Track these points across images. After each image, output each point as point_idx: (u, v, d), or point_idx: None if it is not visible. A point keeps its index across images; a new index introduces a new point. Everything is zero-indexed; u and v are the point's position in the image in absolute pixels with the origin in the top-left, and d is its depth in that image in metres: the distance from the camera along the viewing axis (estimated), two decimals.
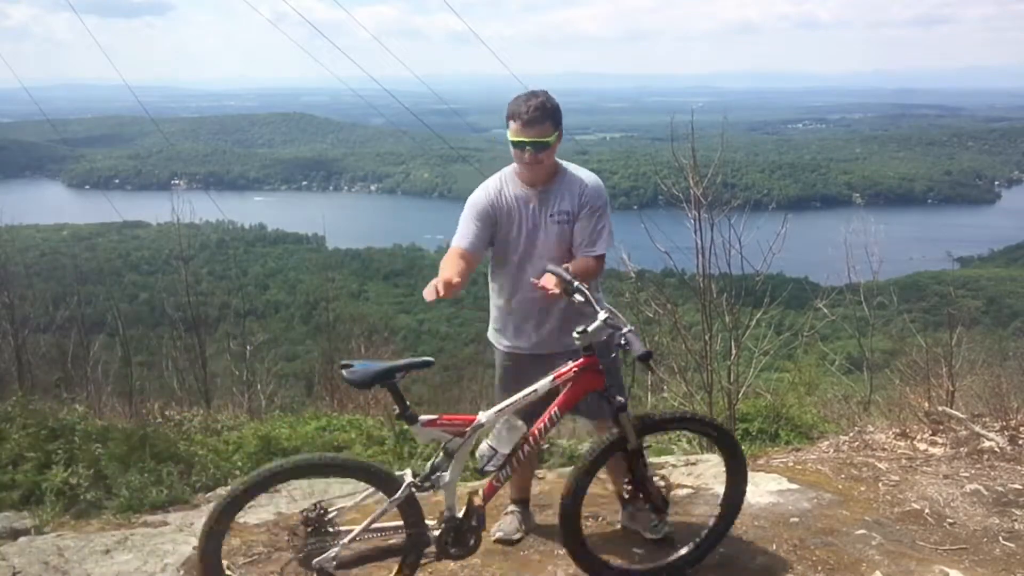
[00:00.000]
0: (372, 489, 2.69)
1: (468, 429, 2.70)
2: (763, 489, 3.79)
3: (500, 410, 2.76)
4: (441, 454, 2.71)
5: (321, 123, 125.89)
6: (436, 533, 2.74)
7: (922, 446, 4.56)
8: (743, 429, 6.57)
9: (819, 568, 3.08)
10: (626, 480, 2.94)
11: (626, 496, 3.02)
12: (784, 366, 9.10)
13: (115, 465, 4.70)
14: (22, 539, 3.50)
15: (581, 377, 2.81)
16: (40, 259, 35.51)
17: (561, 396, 2.83)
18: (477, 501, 2.81)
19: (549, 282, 2.84)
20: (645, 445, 2.90)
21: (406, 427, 6.39)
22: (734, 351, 6.34)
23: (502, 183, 3.19)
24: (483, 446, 2.77)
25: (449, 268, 2.90)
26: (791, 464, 4.29)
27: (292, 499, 4.20)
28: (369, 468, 2.71)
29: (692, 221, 6.25)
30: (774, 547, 3.24)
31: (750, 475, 4.05)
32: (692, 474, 4.18)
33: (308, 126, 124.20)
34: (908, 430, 4.88)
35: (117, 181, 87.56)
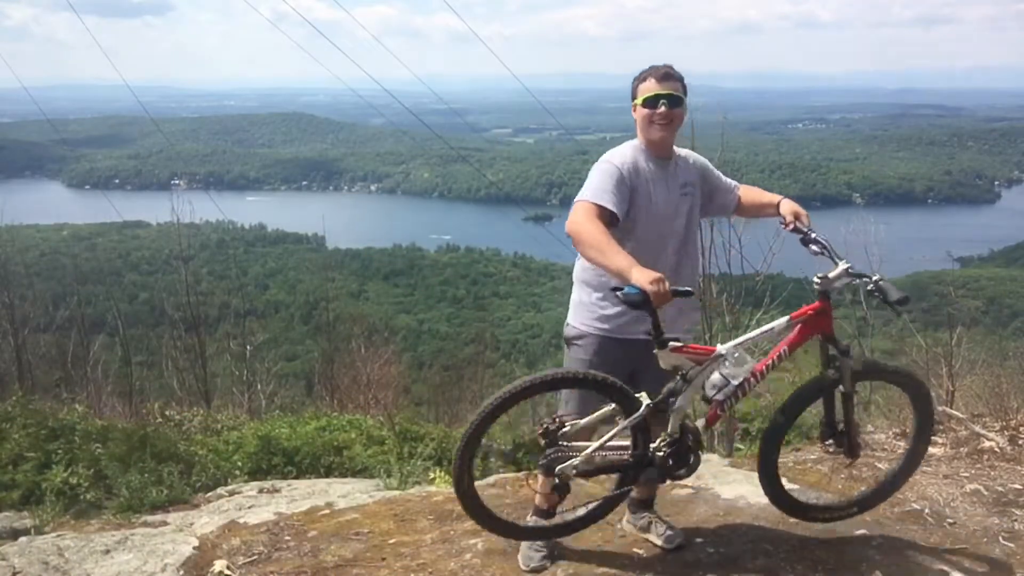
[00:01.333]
0: (602, 411, 2.90)
1: (708, 359, 2.89)
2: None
3: (738, 343, 2.94)
4: (679, 379, 2.89)
5: (321, 123, 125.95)
6: (660, 454, 2.94)
7: None
8: (743, 429, 6.56)
9: (819, 568, 3.07)
10: (831, 423, 3.12)
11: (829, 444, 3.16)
12: (784, 366, 9.09)
13: (115, 465, 4.70)
14: (22, 539, 3.49)
15: (813, 319, 3.00)
16: (40, 259, 35.59)
17: (791, 336, 3.00)
18: (691, 423, 3.00)
19: (801, 217, 3.13)
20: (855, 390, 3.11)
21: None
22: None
23: (634, 153, 3.05)
24: (716, 376, 2.91)
25: (618, 247, 2.78)
26: (791, 464, 4.29)
27: (292, 499, 4.21)
28: (617, 387, 2.89)
29: None
30: (774, 547, 3.23)
31: (748, 475, 4.06)
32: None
33: (308, 126, 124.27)
34: (908, 430, 4.87)
35: (117, 181, 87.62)
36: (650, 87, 3.00)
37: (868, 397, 7.43)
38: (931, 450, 4.51)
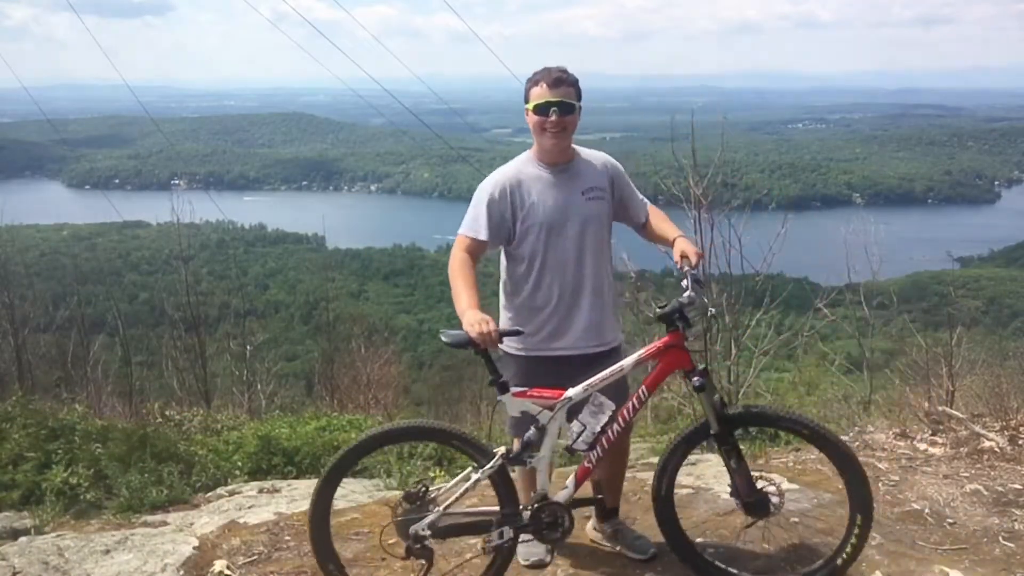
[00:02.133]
0: (470, 470, 2.76)
1: (557, 402, 2.74)
2: None
3: (588, 385, 2.77)
4: (533, 429, 2.74)
5: (321, 123, 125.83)
6: (528, 513, 2.78)
7: (922, 446, 4.56)
8: (743, 429, 6.54)
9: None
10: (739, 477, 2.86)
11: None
12: (784, 366, 9.10)
13: (115, 465, 4.69)
14: (22, 539, 3.50)
15: (667, 354, 2.82)
16: (40, 259, 35.53)
17: (649, 375, 2.85)
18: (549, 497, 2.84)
19: (690, 256, 2.88)
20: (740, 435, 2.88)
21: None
22: (734, 351, 6.33)
23: (520, 167, 3.07)
24: (574, 423, 2.79)
25: (474, 291, 2.80)
26: (791, 464, 4.29)
27: (292, 499, 4.20)
28: (465, 438, 2.79)
29: (692, 221, 6.25)
30: (774, 547, 3.23)
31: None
32: (692, 474, 4.19)
33: (308, 126, 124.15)
34: (908, 430, 4.88)
35: (117, 181, 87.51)
36: (541, 93, 2.95)
37: (869, 397, 7.44)
38: (931, 450, 4.51)
